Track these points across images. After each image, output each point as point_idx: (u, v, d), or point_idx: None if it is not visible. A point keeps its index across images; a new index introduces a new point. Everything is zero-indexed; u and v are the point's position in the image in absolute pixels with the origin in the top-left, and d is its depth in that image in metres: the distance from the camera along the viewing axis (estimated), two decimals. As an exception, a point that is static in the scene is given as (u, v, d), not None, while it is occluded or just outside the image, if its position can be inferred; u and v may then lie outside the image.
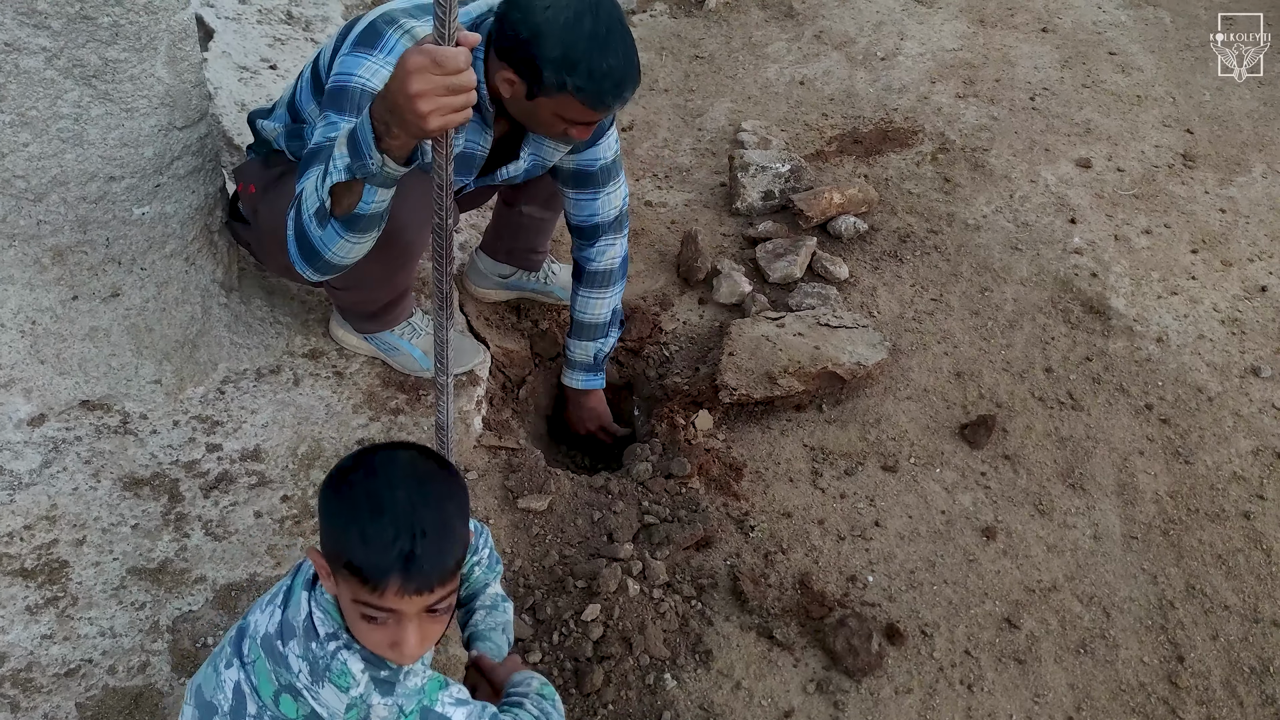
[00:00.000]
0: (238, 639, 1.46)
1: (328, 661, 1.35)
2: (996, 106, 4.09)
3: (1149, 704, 2.17)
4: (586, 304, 2.64)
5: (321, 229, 1.70)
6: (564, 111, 1.90)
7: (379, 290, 2.31)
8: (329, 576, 1.34)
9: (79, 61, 1.87)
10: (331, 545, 1.31)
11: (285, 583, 1.47)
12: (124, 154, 2.02)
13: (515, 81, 1.86)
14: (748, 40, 4.63)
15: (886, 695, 2.11)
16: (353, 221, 1.68)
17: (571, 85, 1.81)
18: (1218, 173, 3.78)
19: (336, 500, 1.32)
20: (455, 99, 1.44)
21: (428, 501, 1.31)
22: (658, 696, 2.05)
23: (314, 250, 1.75)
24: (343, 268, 1.83)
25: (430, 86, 1.41)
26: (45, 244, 2.02)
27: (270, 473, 2.22)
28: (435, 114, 1.43)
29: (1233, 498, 2.61)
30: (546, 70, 1.80)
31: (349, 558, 1.27)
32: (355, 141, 1.56)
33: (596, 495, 2.42)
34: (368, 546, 1.26)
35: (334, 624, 1.37)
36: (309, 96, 2.10)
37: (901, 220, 3.44)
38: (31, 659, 1.83)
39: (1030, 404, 2.81)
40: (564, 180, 2.44)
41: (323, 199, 1.65)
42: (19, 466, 2.07)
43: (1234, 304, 3.19)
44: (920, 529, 2.46)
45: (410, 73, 1.41)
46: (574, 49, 1.79)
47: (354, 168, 1.58)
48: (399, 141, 1.53)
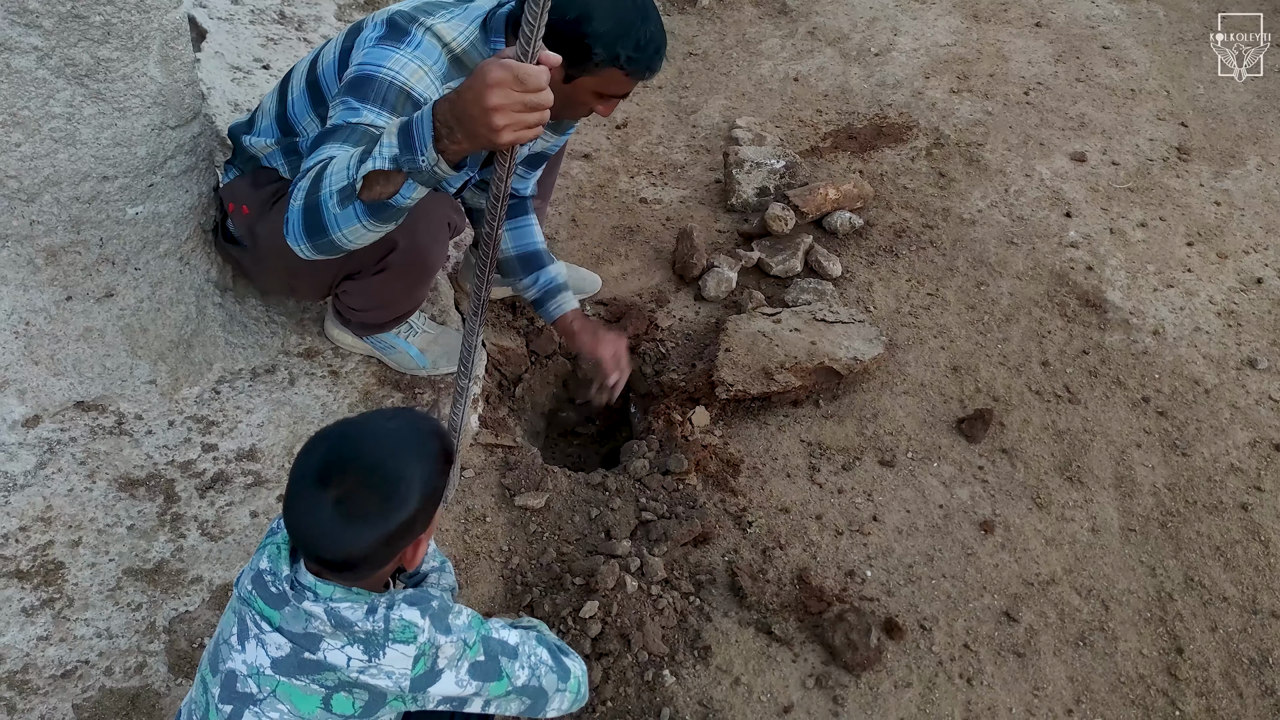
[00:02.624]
0: (226, 689, 1.40)
1: (387, 625, 1.35)
2: (991, 101, 4.08)
3: (1148, 696, 2.17)
4: (529, 231, 2.52)
5: (341, 208, 1.68)
6: (605, 87, 1.95)
7: (399, 306, 2.31)
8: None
9: (71, 61, 1.86)
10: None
11: (236, 624, 1.42)
12: (117, 153, 2.00)
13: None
14: (741, 37, 4.62)
15: (886, 689, 2.11)
16: (379, 210, 1.66)
17: (623, 57, 1.87)
18: (1213, 165, 3.78)
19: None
20: (530, 115, 1.44)
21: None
22: (656, 693, 2.04)
23: (322, 226, 1.73)
24: (339, 251, 1.81)
25: (509, 102, 1.40)
26: (39, 244, 2.01)
27: (266, 472, 2.21)
28: (509, 129, 1.43)
29: (1230, 489, 2.61)
30: (597, 46, 1.84)
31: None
32: (409, 136, 1.54)
33: (594, 492, 2.42)
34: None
35: (363, 597, 1.36)
36: (305, 110, 2.06)
37: (897, 215, 3.44)
38: (28, 660, 1.82)
39: (1027, 398, 2.81)
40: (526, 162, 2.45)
41: (353, 178, 1.63)
42: (14, 468, 2.06)
43: (1230, 296, 3.19)
44: (918, 523, 2.46)
45: (491, 86, 1.40)
46: (622, 20, 1.85)
47: (402, 160, 1.56)
48: (460, 147, 1.52)
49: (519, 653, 1.49)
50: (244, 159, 2.23)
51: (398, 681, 1.36)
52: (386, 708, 1.40)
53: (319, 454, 1.33)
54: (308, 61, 2.10)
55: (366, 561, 1.34)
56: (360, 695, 1.37)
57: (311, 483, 1.30)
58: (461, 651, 1.41)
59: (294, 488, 1.32)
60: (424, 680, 1.38)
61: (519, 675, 1.48)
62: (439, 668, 1.39)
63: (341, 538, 1.29)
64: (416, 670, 1.37)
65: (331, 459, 1.32)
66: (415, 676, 1.37)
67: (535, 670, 1.51)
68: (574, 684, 1.58)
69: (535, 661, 1.51)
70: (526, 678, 1.49)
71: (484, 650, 1.44)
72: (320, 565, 1.35)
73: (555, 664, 1.55)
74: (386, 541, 1.32)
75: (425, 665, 1.38)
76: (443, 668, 1.39)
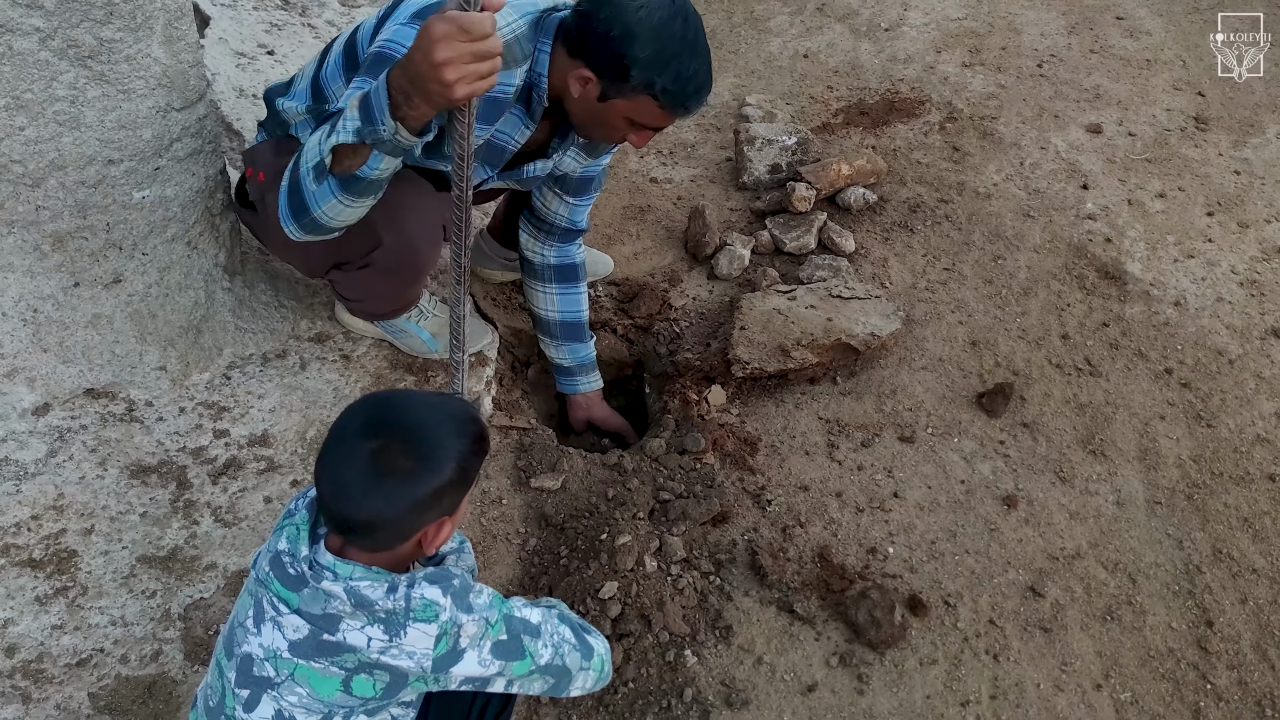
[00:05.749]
0: (242, 673, 1.38)
1: (408, 603, 1.33)
2: (1004, 74, 4.03)
3: (1179, 669, 2.13)
4: (578, 300, 2.55)
5: (317, 184, 1.67)
6: (638, 115, 1.87)
7: (389, 301, 2.28)
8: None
9: (73, 42, 1.83)
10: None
11: (253, 606, 1.40)
12: (122, 136, 1.98)
13: (591, 80, 1.82)
14: (749, 15, 4.57)
15: (911, 667, 2.08)
16: (350, 183, 1.64)
17: (658, 86, 1.79)
18: (1231, 135, 3.72)
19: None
20: (482, 65, 1.40)
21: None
22: (678, 673, 2.01)
23: (303, 205, 1.71)
24: (329, 230, 1.78)
25: (456, 54, 1.36)
26: (45, 230, 1.98)
27: (279, 457, 2.19)
28: (461, 82, 1.39)
29: (1257, 460, 2.56)
30: (635, 69, 1.77)
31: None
32: (369, 107, 1.52)
33: (610, 473, 2.39)
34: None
35: (383, 575, 1.34)
36: (337, 73, 2.01)
37: (911, 190, 3.39)
38: (42, 650, 1.80)
39: (1048, 371, 2.77)
40: (567, 188, 2.37)
41: (323, 155, 1.61)
42: (24, 456, 2.04)
43: (1252, 266, 3.14)
44: (940, 499, 2.42)
45: (436, 40, 1.36)
46: (665, 50, 1.77)
47: (364, 132, 1.54)
48: (418, 111, 1.49)
49: (542, 631, 1.46)
50: (275, 123, 2.20)
51: (419, 662, 1.34)
52: (408, 689, 1.38)
53: (363, 409, 1.34)
54: (352, 28, 2.06)
55: (390, 527, 1.31)
56: (381, 677, 1.35)
57: (351, 434, 1.30)
58: (484, 630, 1.38)
59: (332, 439, 1.32)
60: (446, 660, 1.35)
61: (542, 654, 1.45)
62: (461, 647, 1.36)
63: (372, 493, 1.27)
64: (439, 650, 1.34)
65: (375, 415, 1.32)
66: (437, 656, 1.35)
67: (559, 649, 1.48)
68: (598, 662, 1.56)
69: (559, 640, 1.49)
70: (550, 656, 1.46)
71: (506, 629, 1.41)
72: (342, 528, 1.33)
73: (579, 642, 1.53)
74: (413, 507, 1.30)
75: (447, 645, 1.35)
76: (465, 647, 1.37)
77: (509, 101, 1.90)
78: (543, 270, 2.52)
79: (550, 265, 2.52)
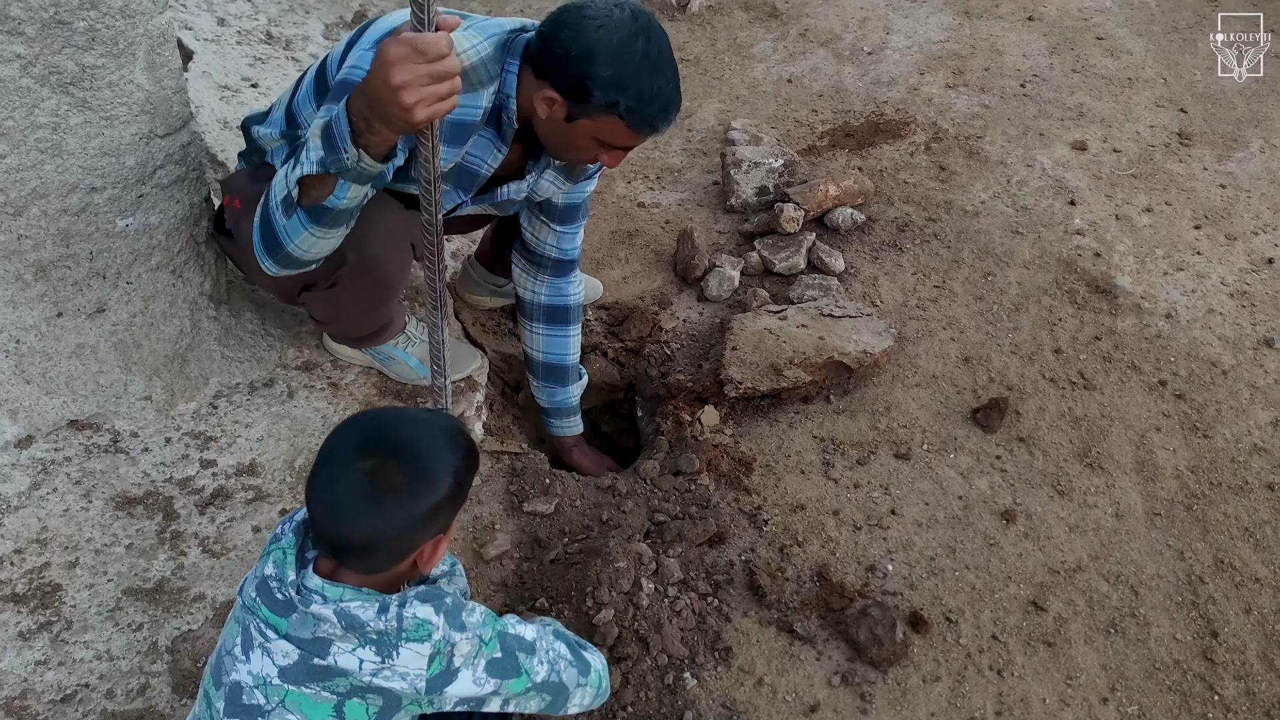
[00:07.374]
0: (231, 702, 1.34)
1: (400, 623, 1.30)
2: (987, 95, 4.05)
3: (1185, 681, 2.10)
4: (565, 344, 2.51)
5: (286, 218, 1.65)
6: (605, 135, 1.84)
7: (362, 322, 2.24)
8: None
9: (55, 69, 1.82)
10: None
11: (240, 633, 1.36)
12: (105, 164, 1.96)
13: (556, 101, 1.80)
14: (733, 42, 4.60)
15: (914, 684, 2.04)
16: (319, 214, 1.62)
17: (622, 106, 1.76)
18: (1215, 149, 3.74)
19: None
20: (440, 86, 1.37)
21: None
22: (678, 696, 1.97)
23: (276, 240, 1.69)
24: (305, 264, 1.76)
25: (413, 76, 1.34)
26: (27, 259, 1.96)
27: (267, 486, 2.15)
28: (420, 105, 1.36)
29: (1255, 470, 2.55)
30: (597, 89, 1.74)
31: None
32: (330, 135, 1.50)
33: (604, 495, 2.36)
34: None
35: (374, 596, 1.31)
36: (308, 99, 2.00)
37: (899, 210, 3.39)
38: (26, 686, 1.75)
39: (1042, 385, 2.76)
40: (552, 215, 2.34)
41: (290, 188, 1.59)
42: (7, 489, 2.00)
43: (1241, 277, 3.14)
44: (938, 515, 2.40)
45: (391, 63, 1.34)
46: (626, 69, 1.74)
47: (328, 161, 1.52)
48: (380, 137, 1.47)
49: (537, 648, 1.43)
50: (253, 151, 2.17)
51: (413, 683, 1.30)
52: (402, 712, 1.34)
53: (355, 429, 1.32)
54: (323, 56, 2.05)
55: (387, 546, 1.29)
56: (374, 700, 1.31)
57: (343, 454, 1.28)
58: (478, 648, 1.35)
59: (323, 461, 1.29)
60: (440, 680, 1.32)
61: (538, 671, 1.42)
62: (455, 666, 1.33)
63: (368, 513, 1.25)
64: (432, 670, 1.31)
65: (367, 433, 1.30)
66: (431, 677, 1.31)
67: (555, 665, 1.45)
68: (595, 678, 1.52)
69: (554, 656, 1.45)
70: (546, 673, 1.43)
71: (501, 646, 1.38)
72: (336, 550, 1.30)
73: (575, 658, 1.49)
74: (412, 525, 1.28)
75: (441, 664, 1.32)
76: (459, 666, 1.33)
77: (476, 124, 1.88)
78: (532, 308, 2.49)
79: (540, 304, 2.48)
